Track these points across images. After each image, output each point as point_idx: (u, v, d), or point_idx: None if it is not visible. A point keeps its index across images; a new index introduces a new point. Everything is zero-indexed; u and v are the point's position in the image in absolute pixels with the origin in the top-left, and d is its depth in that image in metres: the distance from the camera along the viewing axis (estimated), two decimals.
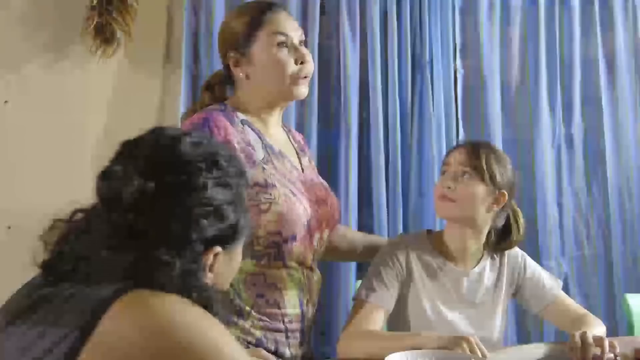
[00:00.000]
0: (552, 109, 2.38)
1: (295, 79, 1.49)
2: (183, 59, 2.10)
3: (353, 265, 2.14)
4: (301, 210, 1.48)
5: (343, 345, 1.54)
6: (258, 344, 1.46)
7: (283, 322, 1.50)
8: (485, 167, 1.60)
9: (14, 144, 1.99)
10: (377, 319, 1.57)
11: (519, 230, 1.69)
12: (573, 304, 1.72)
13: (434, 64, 2.26)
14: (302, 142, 1.71)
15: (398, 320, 1.65)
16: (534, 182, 2.35)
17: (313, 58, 2.16)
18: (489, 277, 1.68)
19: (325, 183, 1.67)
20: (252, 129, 1.51)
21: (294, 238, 1.48)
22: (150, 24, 2.10)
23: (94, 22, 1.99)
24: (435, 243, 1.68)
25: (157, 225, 0.85)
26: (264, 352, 1.25)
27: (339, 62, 2.21)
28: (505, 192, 1.63)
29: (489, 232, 1.66)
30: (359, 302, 1.59)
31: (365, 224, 2.22)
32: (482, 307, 1.66)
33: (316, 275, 1.59)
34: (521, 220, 1.71)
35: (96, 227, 0.87)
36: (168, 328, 0.77)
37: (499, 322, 1.67)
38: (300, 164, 1.60)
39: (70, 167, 1.91)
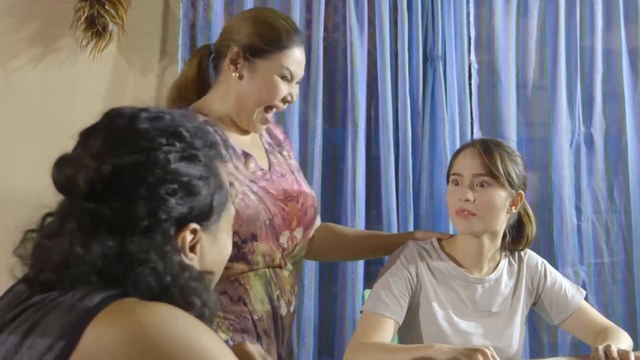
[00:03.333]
0: (571, 106, 2.37)
1: (269, 108, 1.55)
2: (180, 53, 2.08)
3: (361, 275, 2.12)
4: (260, 208, 1.49)
5: (350, 358, 1.52)
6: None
7: (252, 319, 1.49)
8: (502, 171, 1.57)
9: None
10: (386, 331, 1.55)
11: (531, 222, 1.67)
12: (597, 315, 1.70)
13: (447, 58, 2.24)
14: (279, 137, 1.69)
15: (410, 332, 1.63)
16: (550, 184, 2.34)
17: (317, 52, 2.21)
18: (506, 285, 1.65)
19: (300, 177, 1.65)
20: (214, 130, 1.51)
21: (254, 238, 1.48)
22: (144, 16, 2.08)
23: (85, 14, 1.96)
24: (447, 250, 1.65)
25: (122, 211, 0.82)
26: (247, 344, 1.24)
27: (345, 56, 2.19)
28: (522, 192, 1.61)
29: (505, 234, 1.64)
30: (366, 314, 1.57)
31: (374, 228, 2.19)
32: (498, 316, 1.64)
33: (286, 271, 1.57)
34: (530, 212, 1.69)
35: (64, 226, 0.84)
36: (154, 340, 0.75)
37: (517, 332, 1.65)
38: (269, 161, 1.59)
39: None
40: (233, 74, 1.52)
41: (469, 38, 2.29)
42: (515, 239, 1.66)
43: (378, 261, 2.09)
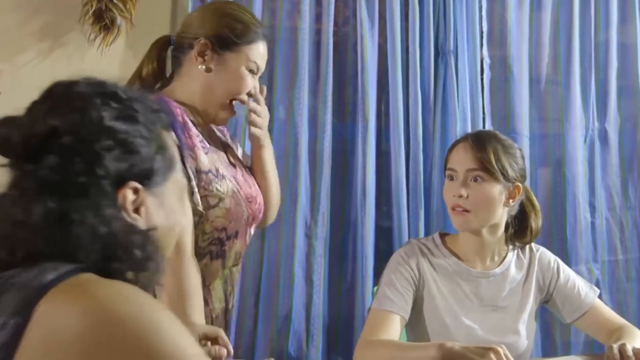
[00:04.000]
0: (585, 101, 2.35)
1: (233, 101, 1.54)
2: None
3: (370, 272, 2.12)
4: (244, 206, 1.51)
5: (360, 355, 1.53)
6: None
7: (211, 318, 1.50)
8: (495, 165, 1.56)
9: None
10: (392, 327, 1.56)
11: (536, 213, 1.66)
12: (611, 313, 1.69)
13: (459, 52, 2.22)
14: (224, 131, 1.69)
15: (416, 328, 1.64)
16: (564, 181, 2.33)
17: (327, 46, 2.20)
18: (513, 279, 1.65)
19: (249, 174, 1.64)
20: (190, 120, 1.51)
21: (236, 236, 1.51)
22: (153, 10, 2.08)
23: (93, 8, 1.96)
24: (450, 245, 1.66)
25: (59, 169, 0.84)
26: (221, 331, 1.28)
27: (355, 51, 2.18)
28: (520, 184, 1.60)
29: (507, 225, 1.63)
30: (373, 311, 1.59)
31: (384, 225, 2.19)
32: (505, 311, 1.63)
33: (237, 269, 1.60)
34: (535, 202, 1.68)
35: (6, 195, 0.86)
36: (109, 313, 0.76)
37: (525, 328, 1.64)
38: (227, 158, 1.59)
39: None
40: (200, 66, 1.50)
41: (481, 32, 2.27)
42: (518, 230, 1.65)
43: (388, 258, 2.08)
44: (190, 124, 1.47)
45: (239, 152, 1.68)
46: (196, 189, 1.40)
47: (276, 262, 2.10)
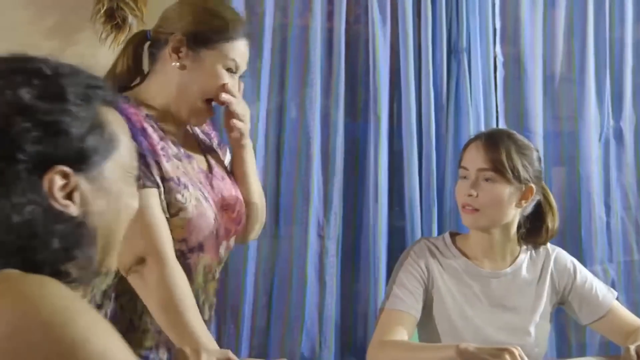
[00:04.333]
0: (600, 99, 2.33)
1: (210, 101, 1.47)
2: None
3: (383, 272, 2.11)
4: (212, 217, 1.43)
5: (373, 356, 1.54)
6: (146, 355, 1.40)
7: None
8: (507, 165, 1.55)
9: None
10: (404, 327, 1.57)
11: (553, 215, 1.64)
12: (628, 315, 1.67)
13: (472, 50, 2.20)
14: (211, 135, 1.62)
15: (427, 328, 1.64)
16: (578, 180, 2.31)
17: (339, 44, 2.19)
18: (525, 279, 1.64)
19: (233, 180, 1.56)
20: (157, 126, 1.45)
21: (200, 248, 1.42)
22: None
23: (105, 7, 1.96)
24: (460, 245, 1.65)
25: None
26: (230, 353, 1.23)
27: (367, 49, 2.16)
28: (533, 186, 1.58)
29: (519, 225, 1.63)
30: (384, 312, 1.59)
31: (397, 225, 2.18)
32: (516, 311, 1.63)
33: (215, 281, 1.53)
34: (552, 202, 1.66)
35: None
36: (36, 308, 0.72)
37: (537, 329, 1.63)
38: (207, 162, 1.52)
39: None
40: (174, 63, 1.43)
41: (494, 29, 2.25)
42: (533, 230, 1.64)
43: None
44: (151, 130, 1.41)
45: (226, 159, 1.60)
46: (162, 196, 1.35)
47: (288, 263, 2.09)
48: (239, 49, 1.46)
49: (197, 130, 1.57)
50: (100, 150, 0.83)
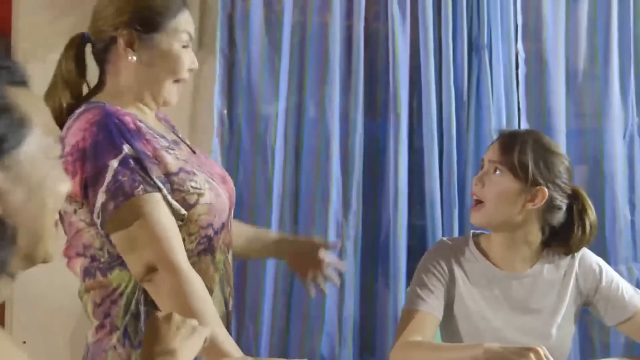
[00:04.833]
0: (624, 95, 2.30)
1: (178, 80, 1.46)
2: (217, 44, 2.09)
3: (403, 272, 2.10)
4: (224, 195, 1.44)
5: (397, 357, 1.53)
6: None
7: None
8: (516, 161, 1.55)
9: None
10: (427, 327, 1.57)
11: (584, 230, 1.62)
12: None
13: (493, 47, 2.19)
14: (170, 122, 1.60)
15: (448, 328, 1.64)
16: (602, 178, 2.28)
17: (358, 42, 2.19)
18: (547, 281, 1.63)
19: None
20: (142, 122, 1.43)
21: (223, 227, 1.44)
22: None
23: None
24: (482, 246, 1.65)
25: None
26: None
27: (387, 46, 2.16)
28: (545, 189, 1.56)
29: (543, 231, 1.61)
30: (406, 312, 1.60)
31: (417, 225, 2.18)
32: (538, 313, 1.62)
33: (230, 257, 1.51)
34: (591, 218, 1.63)
35: None
36: None
37: (560, 331, 1.62)
38: (185, 143, 1.52)
39: None
40: (131, 57, 1.40)
41: (516, 26, 2.23)
42: (555, 241, 1.62)
43: (421, 258, 2.06)
44: (145, 128, 1.40)
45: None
46: (169, 196, 1.33)
47: None
48: (185, 20, 1.45)
49: (159, 114, 1.55)
50: (11, 136, 0.77)
